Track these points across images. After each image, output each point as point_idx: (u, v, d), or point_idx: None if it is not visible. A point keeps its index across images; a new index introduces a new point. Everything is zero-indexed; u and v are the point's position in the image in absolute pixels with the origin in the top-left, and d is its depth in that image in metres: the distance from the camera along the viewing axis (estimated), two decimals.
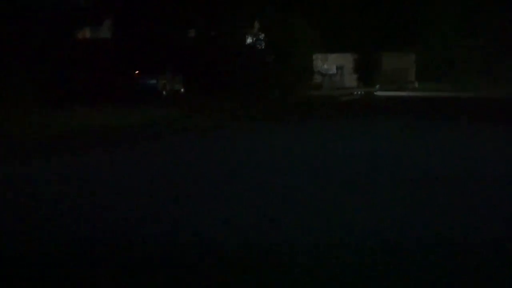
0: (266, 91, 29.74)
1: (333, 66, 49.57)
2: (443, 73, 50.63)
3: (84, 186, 6.77)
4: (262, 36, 34.01)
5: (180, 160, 8.86)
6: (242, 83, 31.14)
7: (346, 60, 49.65)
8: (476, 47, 48.60)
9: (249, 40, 34.62)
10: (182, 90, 28.72)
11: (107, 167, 8.21)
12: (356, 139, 11.90)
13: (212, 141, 12.10)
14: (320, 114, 20.74)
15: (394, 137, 12.29)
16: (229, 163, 8.55)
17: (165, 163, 8.68)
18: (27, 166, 8.35)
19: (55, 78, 25.62)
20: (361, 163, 8.51)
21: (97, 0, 48.74)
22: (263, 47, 33.92)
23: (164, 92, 26.47)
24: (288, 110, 22.14)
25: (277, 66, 34.09)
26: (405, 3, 49.51)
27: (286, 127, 15.78)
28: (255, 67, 32.35)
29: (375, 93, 41.50)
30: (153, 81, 26.05)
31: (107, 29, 43.10)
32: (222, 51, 31.39)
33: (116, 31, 41.84)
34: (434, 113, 21.01)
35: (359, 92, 39.02)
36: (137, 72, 26.84)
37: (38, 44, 27.94)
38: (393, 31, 50.61)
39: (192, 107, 19.53)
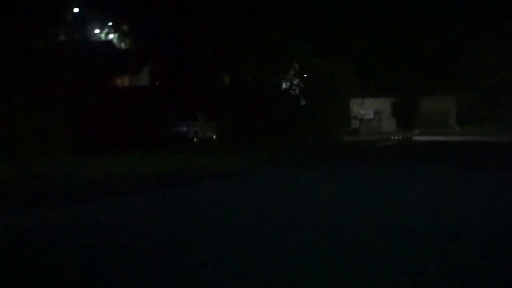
0: (299, 137, 29.19)
1: (370, 111, 48.85)
2: (486, 116, 49.19)
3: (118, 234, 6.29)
4: (296, 81, 33.69)
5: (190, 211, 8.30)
6: (276, 129, 30.73)
7: (384, 104, 48.90)
8: None
9: (284, 85, 34.40)
10: (214, 137, 28.42)
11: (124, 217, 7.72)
12: (380, 189, 11.12)
13: (226, 189, 11.54)
14: (350, 161, 19.97)
15: (426, 189, 11.46)
16: (240, 212, 7.93)
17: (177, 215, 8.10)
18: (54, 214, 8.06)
19: (88, 124, 25.84)
20: (364, 218, 7.75)
21: (136, 49, 49.92)
22: (297, 93, 33.56)
23: (195, 139, 26.15)
24: (319, 156, 21.41)
25: (312, 111, 33.62)
26: (443, 46, 48.73)
27: (312, 174, 15.10)
28: (289, 113, 31.97)
29: (413, 138, 40.43)
30: (184, 129, 25.77)
31: (146, 77, 43.84)
32: (256, 97, 31.18)
33: (153, 78, 42.49)
34: (471, 160, 19.94)
35: (396, 137, 38.05)
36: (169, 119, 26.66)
37: (74, 91, 28.49)
38: (433, 74, 49.79)
39: (215, 154, 19.03)
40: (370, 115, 49.53)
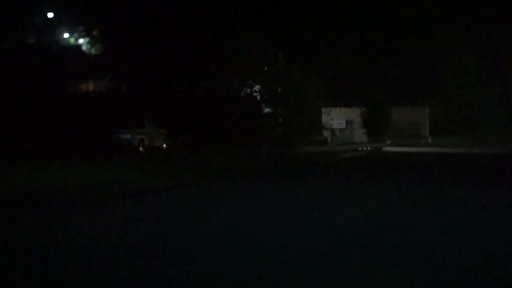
0: (257, 146, 27.35)
1: (342, 120, 47.25)
2: (459, 128, 48.01)
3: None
4: (257, 87, 31.87)
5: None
6: (234, 138, 28.92)
7: (356, 114, 47.28)
8: (496, 96, 46.08)
9: (243, 92, 32.57)
10: (164, 145, 26.52)
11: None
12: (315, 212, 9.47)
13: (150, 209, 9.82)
14: (303, 175, 18.30)
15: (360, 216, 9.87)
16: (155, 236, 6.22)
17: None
18: None
19: (27, 130, 24.16)
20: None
21: (103, 54, 48.06)
22: (258, 99, 31.72)
23: (141, 148, 24.21)
24: (263, 170, 19.60)
25: (274, 120, 31.86)
26: (417, 55, 47.39)
27: (254, 190, 13.43)
28: (249, 121, 30.18)
29: (383, 149, 38.95)
30: (128, 136, 23.76)
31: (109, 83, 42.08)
32: (213, 103, 29.39)
33: (113, 84, 40.72)
34: (431, 174, 18.46)
35: (364, 148, 36.42)
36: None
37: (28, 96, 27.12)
38: (406, 84, 48.41)
39: (151, 166, 17.18)
40: (342, 124, 47.94)
